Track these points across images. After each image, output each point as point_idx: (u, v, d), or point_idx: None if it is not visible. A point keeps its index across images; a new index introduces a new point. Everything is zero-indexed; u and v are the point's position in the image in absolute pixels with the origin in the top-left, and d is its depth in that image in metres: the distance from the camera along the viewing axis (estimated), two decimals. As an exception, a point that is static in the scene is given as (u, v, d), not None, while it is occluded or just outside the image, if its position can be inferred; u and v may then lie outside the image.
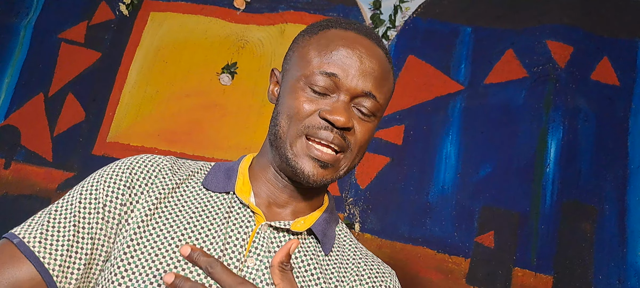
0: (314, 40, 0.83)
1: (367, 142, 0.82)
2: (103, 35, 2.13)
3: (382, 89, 0.81)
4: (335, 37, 0.81)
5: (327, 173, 0.78)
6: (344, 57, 0.78)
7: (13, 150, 2.04)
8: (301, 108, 0.78)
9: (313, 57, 0.80)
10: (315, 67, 0.79)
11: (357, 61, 0.78)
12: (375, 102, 0.80)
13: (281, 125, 0.80)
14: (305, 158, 0.77)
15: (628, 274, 1.49)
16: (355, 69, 0.78)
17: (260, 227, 0.78)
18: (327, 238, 0.84)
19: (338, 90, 0.78)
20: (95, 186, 0.77)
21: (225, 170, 0.86)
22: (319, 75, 0.78)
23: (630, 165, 1.58)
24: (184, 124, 1.95)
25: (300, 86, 0.79)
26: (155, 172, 0.80)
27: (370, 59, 0.80)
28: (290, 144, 0.78)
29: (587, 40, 1.71)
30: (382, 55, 0.83)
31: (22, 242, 0.71)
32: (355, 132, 0.80)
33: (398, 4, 1.90)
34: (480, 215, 1.63)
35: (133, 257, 0.72)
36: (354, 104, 0.79)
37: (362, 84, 0.78)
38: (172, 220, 0.76)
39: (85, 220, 0.74)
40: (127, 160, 0.81)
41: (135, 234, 0.74)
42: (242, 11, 2.05)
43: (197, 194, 0.81)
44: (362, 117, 0.80)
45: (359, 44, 0.80)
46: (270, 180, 0.84)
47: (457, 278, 1.59)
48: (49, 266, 0.69)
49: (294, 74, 0.81)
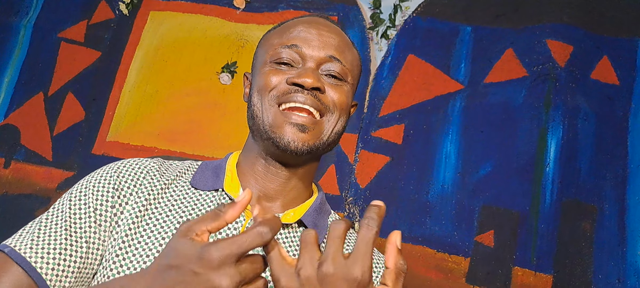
0: (275, 30, 0.88)
1: (346, 105, 0.83)
2: (103, 35, 2.13)
3: (345, 54, 0.84)
4: (294, 22, 0.86)
5: (309, 137, 0.78)
6: (302, 32, 0.83)
7: (13, 150, 2.04)
8: (269, 80, 0.80)
9: (274, 40, 0.84)
10: (277, 45, 0.82)
11: (315, 33, 0.82)
12: (340, 65, 0.82)
13: (254, 103, 0.82)
14: (284, 126, 0.78)
15: (628, 273, 1.49)
16: (315, 39, 0.82)
17: (250, 221, 0.78)
18: (318, 229, 0.83)
19: (303, 61, 0.81)
20: (84, 191, 0.77)
21: (212, 168, 0.86)
22: (281, 49, 0.81)
23: (630, 164, 1.58)
24: (184, 123, 1.95)
25: (267, 66, 0.82)
26: (143, 175, 0.80)
27: (328, 32, 0.84)
28: (266, 117, 0.79)
29: (587, 39, 1.71)
30: (340, 31, 0.87)
31: (13, 250, 0.70)
32: (329, 94, 0.81)
33: (398, 3, 1.90)
34: (480, 214, 1.63)
35: (124, 259, 0.72)
36: (322, 71, 0.82)
37: (324, 50, 0.81)
38: (162, 221, 0.76)
39: (77, 224, 0.74)
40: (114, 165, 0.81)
41: (126, 236, 0.74)
42: (242, 10, 2.05)
43: (186, 194, 0.81)
44: (332, 82, 0.82)
45: (315, 22, 0.85)
46: (258, 172, 0.84)
47: (457, 278, 1.59)
48: (41, 270, 0.69)
49: (260, 61, 0.85)
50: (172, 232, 0.75)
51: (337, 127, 0.82)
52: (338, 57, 0.82)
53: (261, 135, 0.80)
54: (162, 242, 0.74)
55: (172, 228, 0.75)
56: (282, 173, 0.83)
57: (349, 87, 0.84)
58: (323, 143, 0.81)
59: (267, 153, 0.82)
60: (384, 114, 1.80)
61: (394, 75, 1.84)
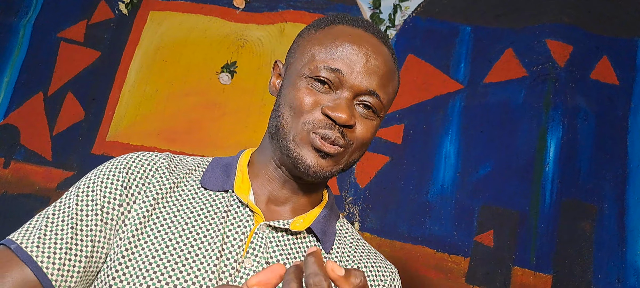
0: (319, 34, 0.82)
1: (369, 141, 0.81)
2: (102, 35, 2.13)
3: (386, 88, 0.80)
4: (341, 33, 0.80)
5: (328, 164, 0.77)
6: (349, 54, 0.77)
7: (12, 150, 2.04)
8: (304, 101, 0.76)
9: (318, 52, 0.79)
10: (319, 61, 0.77)
11: (362, 58, 0.77)
12: (378, 100, 0.79)
13: (284, 116, 0.78)
14: (307, 148, 0.76)
15: (627, 273, 1.49)
16: (361, 66, 0.77)
17: (258, 227, 0.77)
18: (327, 236, 0.83)
19: (342, 87, 0.77)
20: (92, 187, 0.76)
21: (223, 166, 0.85)
22: (323, 70, 0.77)
23: (629, 164, 1.58)
24: (184, 123, 1.95)
25: (304, 80, 0.78)
26: (152, 171, 0.79)
27: (376, 57, 0.78)
28: (293, 136, 0.77)
29: (587, 39, 1.71)
30: (388, 54, 0.82)
31: (19, 247, 0.70)
32: (356, 129, 0.79)
33: (397, 3, 1.90)
34: (479, 214, 1.63)
35: (131, 259, 0.71)
36: (357, 101, 0.78)
37: (366, 81, 0.77)
38: (170, 221, 0.75)
39: (83, 222, 0.73)
40: (123, 159, 0.79)
41: (133, 236, 0.73)
42: (242, 10, 2.05)
43: (195, 193, 0.80)
44: (364, 115, 0.79)
45: (365, 41, 0.79)
46: (271, 177, 0.83)
47: (457, 278, 1.59)
48: (47, 270, 0.69)
49: (298, 67, 0.80)
50: (179, 232, 0.74)
51: (354, 157, 0.82)
52: (378, 92, 0.78)
53: (281, 149, 0.79)
54: (169, 242, 0.73)
55: (180, 229, 0.74)
56: (293, 184, 0.83)
57: (379, 122, 0.82)
58: (339, 170, 0.81)
59: (282, 163, 0.81)
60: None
61: (394, 75, 1.84)
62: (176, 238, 0.73)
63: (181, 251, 0.72)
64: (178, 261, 0.71)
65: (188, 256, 0.72)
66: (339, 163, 0.79)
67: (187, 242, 0.73)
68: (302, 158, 0.76)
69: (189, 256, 0.72)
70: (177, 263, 0.71)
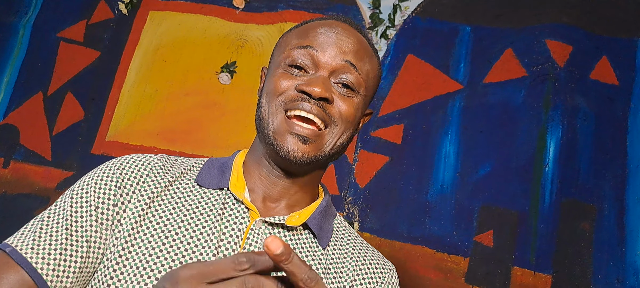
0: (295, 30, 0.85)
1: (353, 118, 0.81)
2: (102, 34, 2.13)
3: (362, 62, 0.81)
4: (316, 24, 0.83)
5: (310, 149, 0.77)
6: (321, 34, 0.80)
7: (12, 149, 2.04)
8: (279, 84, 0.79)
9: (292, 40, 0.82)
10: (293, 46, 0.80)
11: (333, 36, 0.80)
12: (355, 74, 0.79)
13: (262, 105, 0.81)
14: (286, 135, 0.77)
15: (627, 273, 1.49)
16: (332, 44, 0.79)
17: (254, 223, 0.78)
18: (323, 232, 0.83)
19: (316, 67, 0.79)
20: (86, 189, 0.76)
21: (218, 165, 0.85)
22: (295, 50, 0.79)
23: (629, 164, 1.59)
24: (183, 123, 1.95)
25: (281, 68, 0.81)
26: (147, 171, 0.79)
27: (348, 36, 0.81)
28: (271, 122, 0.78)
29: (586, 39, 1.72)
30: (361, 37, 0.84)
31: (14, 250, 0.70)
32: (337, 104, 0.79)
33: (397, 3, 1.90)
34: (479, 214, 1.63)
35: (127, 258, 0.71)
36: (335, 79, 0.79)
37: (340, 56, 0.79)
38: (166, 218, 0.76)
39: (77, 223, 0.73)
40: (117, 161, 0.80)
41: (129, 235, 0.73)
42: (241, 10, 2.05)
43: (190, 191, 0.80)
44: (343, 92, 0.80)
45: (336, 25, 0.82)
46: (263, 174, 0.83)
47: (456, 277, 1.59)
48: (41, 271, 0.69)
49: (275, 61, 0.84)
50: (175, 229, 0.74)
51: (341, 139, 0.81)
52: (353, 62, 0.79)
53: (265, 138, 0.80)
54: (165, 240, 0.73)
55: (176, 226, 0.75)
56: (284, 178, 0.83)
57: (360, 99, 0.82)
58: (324, 155, 0.80)
59: (270, 156, 0.82)
60: (383, 113, 1.80)
61: (394, 75, 1.84)
62: (172, 235, 0.74)
63: (178, 248, 0.72)
64: (175, 258, 0.71)
65: (185, 253, 0.72)
66: (322, 146, 0.79)
67: (183, 239, 0.74)
68: (282, 145, 0.77)
69: (186, 253, 0.72)
70: (173, 260, 0.71)
